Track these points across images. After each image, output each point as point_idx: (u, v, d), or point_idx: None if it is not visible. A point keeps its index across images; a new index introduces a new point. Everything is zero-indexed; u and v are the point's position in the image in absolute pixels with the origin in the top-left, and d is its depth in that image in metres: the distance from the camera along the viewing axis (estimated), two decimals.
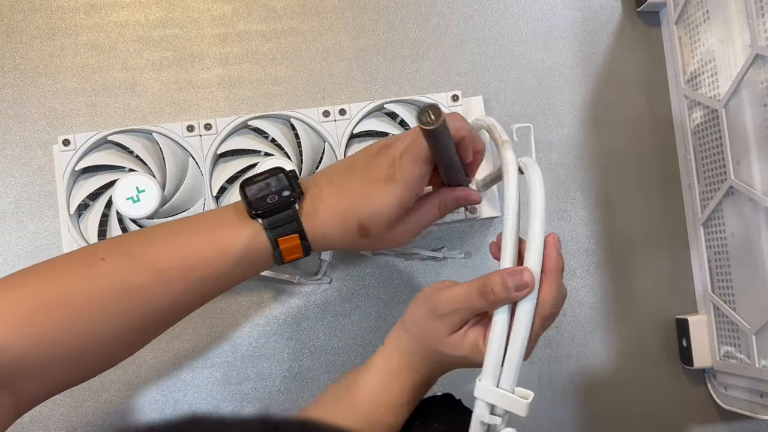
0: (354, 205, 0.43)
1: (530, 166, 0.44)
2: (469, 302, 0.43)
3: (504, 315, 0.42)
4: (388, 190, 0.43)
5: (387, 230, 0.44)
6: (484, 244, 0.64)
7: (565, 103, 0.66)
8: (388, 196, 0.43)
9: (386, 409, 0.46)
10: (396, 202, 0.43)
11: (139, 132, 0.57)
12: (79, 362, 0.41)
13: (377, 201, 0.43)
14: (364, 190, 0.43)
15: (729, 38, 0.56)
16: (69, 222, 0.55)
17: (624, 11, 0.68)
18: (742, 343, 0.58)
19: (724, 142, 0.57)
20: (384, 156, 0.44)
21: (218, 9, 0.64)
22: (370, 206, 0.43)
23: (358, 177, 0.44)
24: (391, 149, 0.44)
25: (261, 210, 0.43)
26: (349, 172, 0.45)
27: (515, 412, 0.41)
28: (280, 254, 0.44)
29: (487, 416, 0.42)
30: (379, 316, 0.63)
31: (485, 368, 0.42)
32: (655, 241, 0.66)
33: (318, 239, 0.44)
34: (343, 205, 0.44)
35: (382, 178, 0.43)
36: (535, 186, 0.43)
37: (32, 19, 0.62)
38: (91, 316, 0.39)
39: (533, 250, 0.42)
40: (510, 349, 0.41)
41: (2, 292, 0.38)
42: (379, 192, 0.43)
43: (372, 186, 0.43)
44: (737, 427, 0.66)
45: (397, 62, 0.65)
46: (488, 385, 0.42)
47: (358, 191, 0.43)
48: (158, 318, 0.42)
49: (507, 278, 0.41)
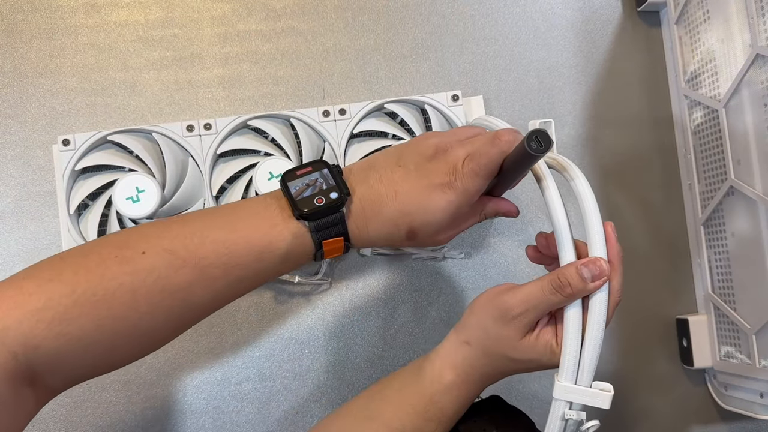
0: (409, 211, 0.42)
1: (563, 161, 0.44)
2: (543, 299, 0.41)
3: (577, 309, 0.41)
4: (447, 197, 0.41)
5: (435, 234, 0.43)
6: (484, 244, 0.64)
7: (565, 103, 0.66)
8: (445, 204, 0.41)
9: (436, 425, 0.45)
10: (452, 210, 0.42)
11: (138, 132, 0.57)
12: (110, 357, 0.39)
13: (434, 209, 0.41)
14: (420, 196, 0.42)
15: (729, 38, 0.56)
16: (69, 222, 0.55)
17: (624, 11, 0.68)
18: (742, 344, 0.58)
19: (725, 142, 0.57)
20: (443, 161, 0.42)
21: (218, 9, 0.64)
22: (425, 214, 0.42)
23: (413, 179, 0.42)
24: (450, 154, 0.42)
25: (308, 211, 0.41)
26: (402, 172, 0.43)
27: (600, 406, 0.41)
28: (323, 255, 0.42)
29: (568, 412, 0.41)
30: (379, 315, 0.63)
31: (564, 367, 0.41)
32: (656, 241, 0.66)
33: (363, 241, 0.43)
34: (396, 209, 0.42)
35: (441, 185, 0.41)
36: (580, 178, 0.43)
37: (32, 18, 0.62)
38: (128, 313, 0.38)
39: (597, 240, 0.41)
40: (588, 342, 0.41)
41: (37, 286, 0.37)
42: (437, 200, 0.41)
43: (430, 192, 0.41)
44: (737, 427, 0.66)
45: (397, 62, 0.65)
46: (569, 384, 0.41)
47: (413, 196, 0.42)
48: (196, 312, 0.41)
49: (582, 269, 0.40)
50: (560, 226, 0.42)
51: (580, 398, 0.41)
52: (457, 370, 0.45)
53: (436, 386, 0.45)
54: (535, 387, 0.64)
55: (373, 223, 0.42)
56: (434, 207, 0.41)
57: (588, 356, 0.41)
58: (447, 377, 0.45)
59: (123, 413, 0.60)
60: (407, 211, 0.42)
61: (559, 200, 0.43)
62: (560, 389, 0.41)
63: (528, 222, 0.65)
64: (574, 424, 0.42)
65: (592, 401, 0.41)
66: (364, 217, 0.42)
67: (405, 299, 0.63)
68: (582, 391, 0.41)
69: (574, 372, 0.41)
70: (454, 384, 0.45)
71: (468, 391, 0.46)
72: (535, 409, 0.61)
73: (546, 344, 0.43)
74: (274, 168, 0.55)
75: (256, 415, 0.61)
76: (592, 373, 0.41)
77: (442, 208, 0.41)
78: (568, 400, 0.41)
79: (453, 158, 0.42)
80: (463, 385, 0.45)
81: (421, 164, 0.42)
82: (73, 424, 0.60)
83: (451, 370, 0.45)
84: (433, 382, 0.45)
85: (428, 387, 0.45)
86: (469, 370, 0.45)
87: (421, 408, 0.45)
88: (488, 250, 0.64)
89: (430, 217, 0.42)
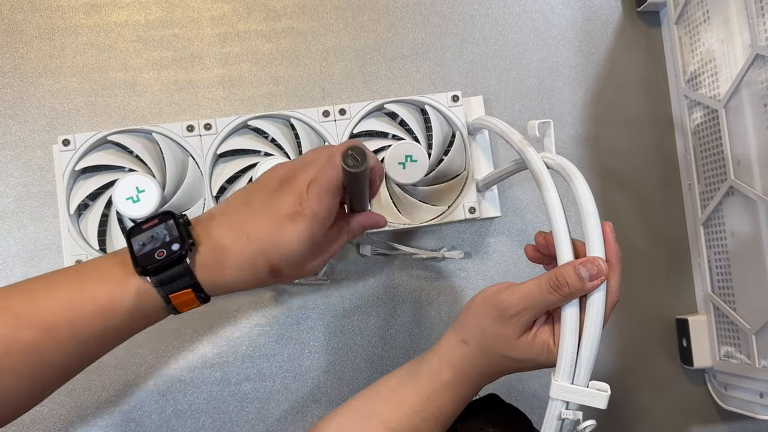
0: (263, 249, 0.41)
1: (562, 161, 0.45)
2: (541, 298, 0.41)
3: (574, 309, 0.41)
4: (298, 227, 0.41)
5: (299, 266, 0.43)
6: (484, 244, 0.64)
7: (565, 103, 0.66)
8: (298, 234, 0.41)
9: (434, 424, 0.45)
10: (307, 237, 0.41)
11: (138, 132, 0.57)
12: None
13: (288, 241, 0.41)
14: (272, 232, 0.41)
15: (729, 38, 0.56)
16: (69, 222, 0.55)
17: (624, 11, 0.68)
18: (742, 343, 0.58)
19: (724, 142, 0.57)
20: (288, 191, 0.41)
21: (218, 9, 0.64)
22: (281, 248, 0.41)
23: (262, 217, 0.41)
24: (294, 183, 0.41)
25: (149, 266, 0.39)
26: (251, 212, 0.42)
27: (597, 406, 0.41)
28: (174, 308, 0.41)
29: (564, 412, 0.41)
30: (379, 315, 0.63)
31: (560, 366, 0.41)
32: (655, 241, 0.66)
33: (221, 288, 0.42)
34: (251, 250, 0.41)
35: (291, 216, 0.41)
36: (578, 178, 0.43)
37: (32, 19, 0.62)
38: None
39: (596, 239, 0.42)
40: (585, 342, 0.41)
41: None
42: (289, 232, 0.41)
43: (281, 226, 0.41)
44: (737, 427, 0.66)
45: (397, 62, 0.65)
46: (565, 384, 0.41)
47: (265, 233, 0.41)
48: (52, 374, 0.40)
49: (580, 268, 0.40)
50: (558, 226, 0.42)
51: (577, 398, 0.41)
52: (455, 369, 0.45)
53: (434, 385, 0.45)
54: (534, 386, 0.64)
55: (230, 269, 0.41)
56: (288, 240, 0.41)
57: (585, 356, 0.41)
58: (445, 376, 0.45)
59: (123, 413, 0.60)
60: (262, 249, 0.41)
61: (558, 200, 0.43)
62: (557, 388, 0.41)
63: (528, 222, 0.65)
64: (570, 423, 0.42)
65: (589, 401, 0.41)
66: (219, 265, 0.41)
67: (405, 299, 0.63)
68: (579, 391, 0.41)
69: (571, 371, 0.41)
70: (451, 383, 0.45)
71: (466, 390, 0.46)
72: (534, 409, 0.61)
73: (543, 343, 0.43)
74: None
75: (256, 415, 0.61)
76: (589, 373, 0.41)
77: (296, 240, 0.41)
78: (565, 400, 0.41)
79: (298, 186, 0.41)
80: (461, 384, 0.45)
81: (268, 200, 0.42)
82: (73, 424, 0.60)
83: (449, 368, 0.45)
84: (431, 381, 0.45)
85: (426, 385, 0.45)
86: (467, 369, 0.45)
87: (418, 407, 0.45)
88: (488, 250, 0.64)
89: (286, 250, 0.41)
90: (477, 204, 0.59)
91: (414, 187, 0.58)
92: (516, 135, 0.49)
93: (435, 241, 0.64)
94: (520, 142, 0.48)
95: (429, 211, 0.59)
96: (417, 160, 0.57)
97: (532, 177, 0.45)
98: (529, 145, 0.47)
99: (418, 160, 0.57)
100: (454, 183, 0.59)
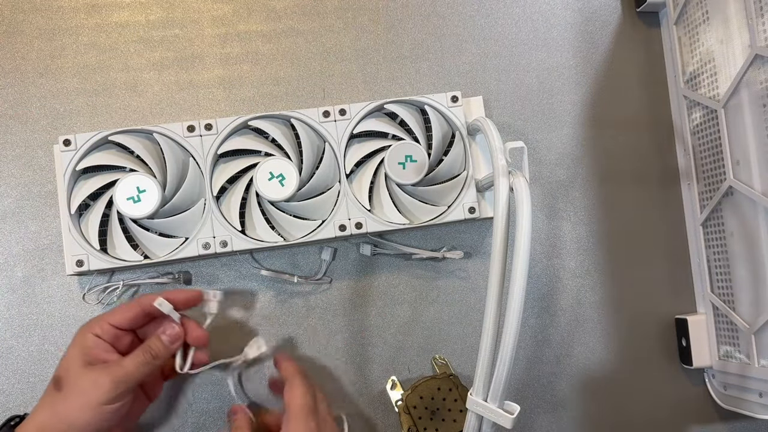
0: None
1: (520, 198, 0.46)
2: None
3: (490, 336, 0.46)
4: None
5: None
6: (484, 244, 0.64)
7: (565, 103, 0.66)
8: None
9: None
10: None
11: (139, 132, 0.57)
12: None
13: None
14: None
15: (728, 38, 0.56)
16: (70, 222, 0.55)
17: (624, 11, 0.68)
18: (741, 343, 0.58)
19: (724, 142, 0.57)
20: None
21: (219, 9, 0.64)
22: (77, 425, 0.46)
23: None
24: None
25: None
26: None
27: (502, 424, 0.46)
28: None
29: (477, 428, 0.47)
30: (379, 315, 0.63)
31: (476, 383, 0.46)
32: (655, 240, 0.66)
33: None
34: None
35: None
36: (524, 219, 0.45)
37: (33, 19, 0.62)
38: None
39: (519, 277, 0.44)
40: (498, 366, 0.45)
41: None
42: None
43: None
44: (737, 427, 0.66)
45: (397, 62, 0.65)
46: (478, 399, 0.47)
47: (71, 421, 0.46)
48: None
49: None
50: (495, 267, 0.47)
51: (486, 413, 0.46)
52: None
53: None
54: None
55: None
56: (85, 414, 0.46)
57: (497, 378, 0.45)
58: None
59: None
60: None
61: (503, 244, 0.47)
62: (470, 402, 0.47)
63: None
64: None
65: (496, 418, 0.46)
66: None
67: (405, 299, 0.63)
68: (488, 408, 0.46)
69: (486, 389, 0.46)
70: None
71: None
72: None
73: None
74: (275, 168, 0.56)
75: None
76: (502, 393, 0.46)
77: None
78: (477, 413, 0.47)
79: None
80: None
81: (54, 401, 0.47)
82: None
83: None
84: None
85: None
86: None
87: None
88: (488, 250, 0.64)
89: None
90: (477, 204, 0.59)
91: (414, 187, 0.58)
92: (500, 160, 0.49)
93: (435, 241, 0.64)
94: (502, 168, 0.48)
95: (429, 211, 0.59)
96: (417, 160, 0.57)
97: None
98: (505, 176, 0.48)
99: (418, 160, 0.57)
100: (453, 183, 0.59)
